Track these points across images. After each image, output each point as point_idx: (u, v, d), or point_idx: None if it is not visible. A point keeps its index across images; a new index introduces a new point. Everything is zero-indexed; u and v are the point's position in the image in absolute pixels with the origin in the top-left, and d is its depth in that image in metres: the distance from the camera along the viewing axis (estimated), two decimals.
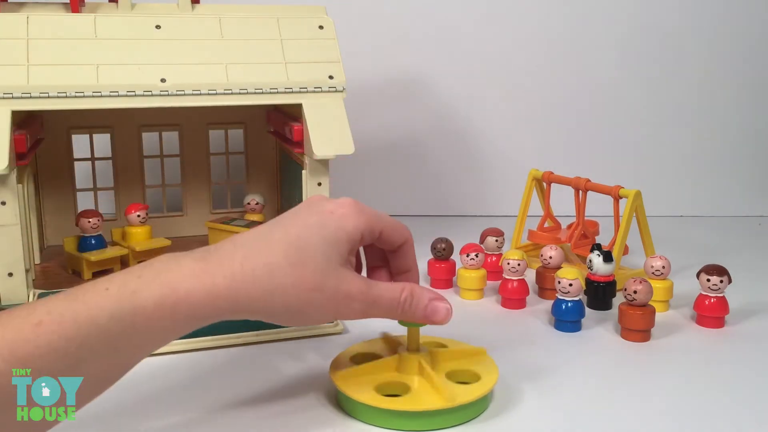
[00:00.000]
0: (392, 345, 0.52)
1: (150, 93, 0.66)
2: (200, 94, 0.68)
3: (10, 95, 0.63)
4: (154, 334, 0.39)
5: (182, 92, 0.67)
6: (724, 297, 0.62)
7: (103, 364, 0.38)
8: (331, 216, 0.43)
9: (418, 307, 0.45)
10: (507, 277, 0.66)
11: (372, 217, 0.44)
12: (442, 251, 0.70)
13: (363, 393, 0.45)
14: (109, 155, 0.84)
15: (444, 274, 0.71)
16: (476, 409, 0.46)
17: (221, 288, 0.39)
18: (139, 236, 0.76)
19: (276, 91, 0.69)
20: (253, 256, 0.40)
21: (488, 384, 0.46)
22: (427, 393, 0.46)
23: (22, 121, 0.68)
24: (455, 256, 0.71)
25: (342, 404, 0.47)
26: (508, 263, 0.65)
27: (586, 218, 0.77)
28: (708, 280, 0.61)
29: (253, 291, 0.40)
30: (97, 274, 0.70)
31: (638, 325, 0.58)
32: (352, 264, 0.44)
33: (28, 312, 0.36)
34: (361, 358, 0.50)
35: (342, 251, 0.42)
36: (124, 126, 0.83)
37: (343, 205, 0.44)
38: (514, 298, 0.66)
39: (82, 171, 0.84)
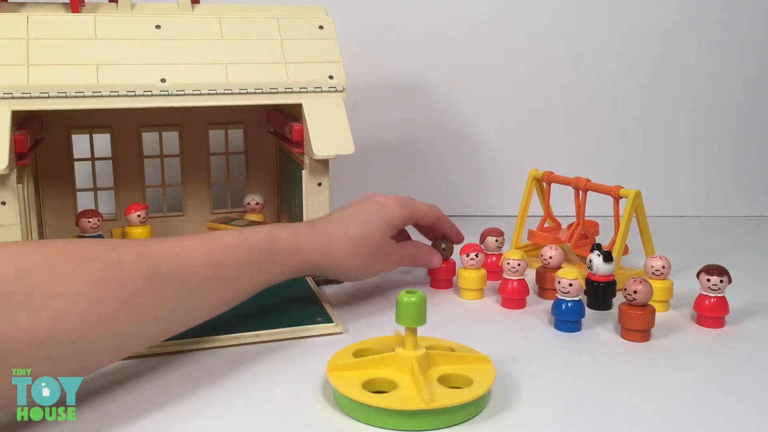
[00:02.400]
0: (392, 344, 0.52)
1: (150, 93, 0.66)
2: (200, 94, 0.68)
3: (10, 95, 0.63)
4: (283, 265, 0.56)
5: (182, 92, 0.67)
6: (724, 297, 0.62)
7: (247, 275, 0.53)
8: (384, 205, 0.64)
9: (421, 261, 0.70)
10: (507, 277, 0.66)
11: (409, 208, 0.66)
12: (442, 251, 0.71)
13: (350, 388, 0.46)
14: (109, 155, 0.84)
15: (444, 275, 0.71)
16: (462, 413, 0.45)
17: (322, 247, 0.58)
18: (139, 236, 0.76)
19: (276, 91, 0.69)
20: (340, 230, 0.60)
21: (476, 392, 0.46)
22: (410, 392, 0.46)
23: (22, 121, 0.68)
24: (455, 256, 0.71)
25: (335, 400, 0.47)
26: (508, 263, 0.65)
27: (586, 218, 0.77)
28: (708, 280, 0.61)
29: (339, 253, 0.59)
30: None
31: (638, 325, 0.58)
32: (393, 236, 0.66)
33: (213, 235, 0.53)
34: (361, 355, 0.50)
35: (390, 228, 0.64)
36: (124, 126, 0.83)
37: (389, 198, 0.65)
38: (514, 298, 0.66)
39: (82, 171, 0.84)
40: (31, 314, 0.40)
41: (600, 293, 0.65)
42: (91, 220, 0.73)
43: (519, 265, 0.65)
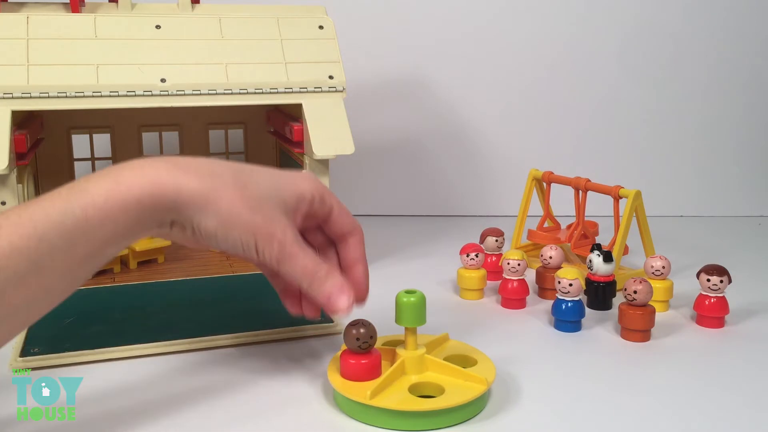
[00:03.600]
0: (393, 344, 0.52)
1: (150, 93, 0.66)
2: (200, 94, 0.68)
3: (10, 95, 0.63)
4: (108, 228, 0.40)
5: (182, 92, 0.67)
6: (724, 297, 0.62)
7: (65, 259, 0.39)
8: (289, 174, 0.46)
9: (322, 288, 0.46)
10: (507, 277, 0.66)
11: (327, 190, 0.47)
12: (356, 341, 0.47)
13: (350, 388, 0.46)
14: (109, 155, 0.84)
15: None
16: (462, 413, 0.45)
17: (165, 180, 0.41)
18: None
19: (276, 91, 0.69)
20: (205, 167, 0.43)
21: (440, 403, 0.45)
22: (392, 392, 0.46)
23: (22, 121, 0.68)
24: (455, 256, 0.71)
25: (335, 400, 0.47)
26: (508, 263, 0.65)
27: (586, 218, 0.77)
28: (708, 280, 0.61)
29: (195, 190, 0.41)
30: (97, 275, 0.70)
31: (638, 325, 0.58)
32: (296, 223, 0.46)
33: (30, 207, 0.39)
34: None
35: (287, 199, 0.45)
36: (124, 126, 0.83)
37: (302, 173, 0.47)
38: (514, 298, 0.66)
39: (82, 171, 0.84)
40: None
41: (600, 293, 0.65)
42: None
43: (519, 265, 0.65)
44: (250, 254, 0.43)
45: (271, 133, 0.85)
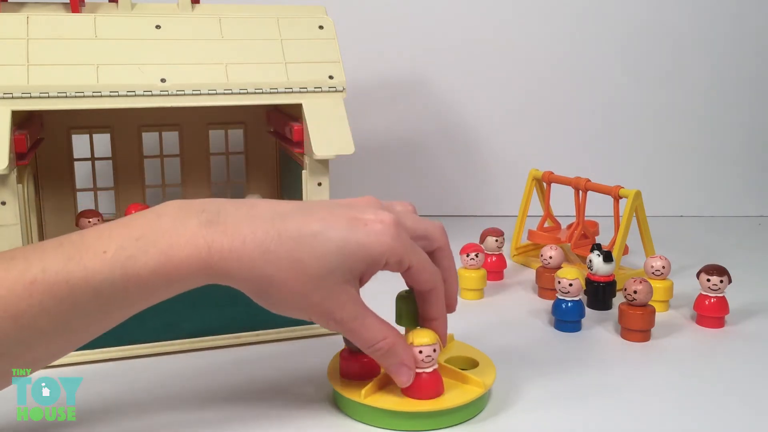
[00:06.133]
0: None
1: (150, 93, 0.66)
2: (200, 94, 0.67)
3: (10, 95, 0.62)
4: (145, 298, 0.39)
5: (182, 92, 0.67)
6: (724, 297, 0.62)
7: (91, 322, 0.39)
8: (363, 228, 0.40)
9: (385, 362, 0.43)
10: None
11: (405, 248, 0.41)
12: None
13: (350, 388, 0.46)
14: (109, 155, 0.84)
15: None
16: (462, 413, 0.45)
17: (216, 260, 0.39)
18: None
19: (276, 91, 0.69)
20: (259, 237, 0.39)
21: (438, 404, 0.45)
22: (391, 392, 0.46)
23: (22, 121, 0.68)
24: (455, 256, 0.71)
25: (335, 400, 0.47)
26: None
27: (586, 218, 0.77)
28: (708, 280, 0.61)
29: (245, 271, 0.39)
30: None
31: (638, 325, 0.58)
32: (359, 282, 0.42)
33: (24, 267, 0.37)
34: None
35: (354, 268, 0.40)
36: (124, 126, 0.83)
37: (383, 221, 0.41)
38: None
39: (82, 171, 0.84)
40: None
41: (600, 293, 0.65)
42: (91, 220, 0.73)
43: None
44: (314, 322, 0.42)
45: (271, 133, 0.85)
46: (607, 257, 0.64)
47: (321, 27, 0.74)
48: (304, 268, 0.39)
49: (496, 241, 0.74)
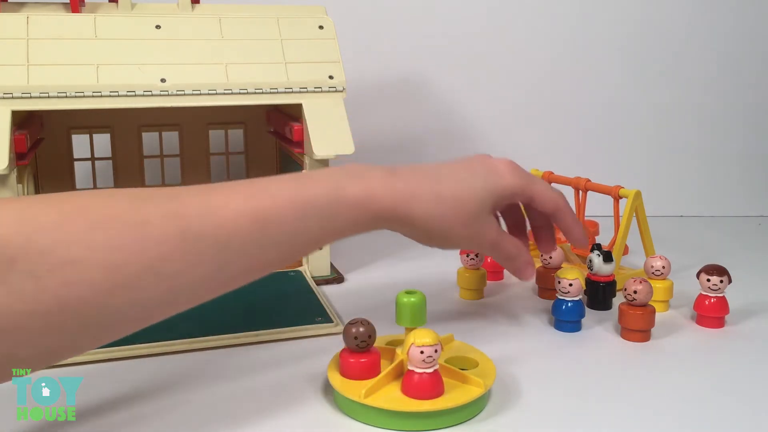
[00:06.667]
0: (397, 344, 0.51)
1: (150, 93, 0.66)
2: (200, 94, 0.68)
3: (10, 95, 0.63)
4: (346, 222, 0.47)
5: (182, 92, 0.67)
6: (724, 297, 0.62)
7: (312, 235, 0.46)
8: (495, 171, 0.52)
9: (514, 264, 0.55)
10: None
11: (525, 181, 0.53)
12: (354, 341, 0.48)
13: (350, 388, 0.46)
14: (109, 155, 0.84)
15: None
16: (462, 413, 0.45)
17: (401, 202, 0.48)
18: None
19: (276, 91, 0.69)
20: (428, 183, 0.50)
21: (437, 405, 0.45)
22: (390, 392, 0.46)
23: (22, 121, 0.68)
24: (455, 256, 0.71)
25: (335, 400, 0.47)
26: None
27: (586, 218, 0.77)
28: (708, 280, 0.61)
29: (423, 212, 0.49)
30: None
31: (638, 325, 0.58)
32: (495, 213, 0.55)
33: (294, 186, 0.45)
34: None
35: (494, 201, 0.52)
36: (124, 126, 0.83)
37: (503, 163, 0.53)
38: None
39: (82, 171, 0.84)
40: (37, 284, 0.36)
41: (600, 293, 0.65)
42: None
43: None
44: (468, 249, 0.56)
45: (271, 133, 0.85)
46: (607, 257, 0.64)
47: (321, 27, 0.74)
48: (463, 205, 0.50)
49: None
